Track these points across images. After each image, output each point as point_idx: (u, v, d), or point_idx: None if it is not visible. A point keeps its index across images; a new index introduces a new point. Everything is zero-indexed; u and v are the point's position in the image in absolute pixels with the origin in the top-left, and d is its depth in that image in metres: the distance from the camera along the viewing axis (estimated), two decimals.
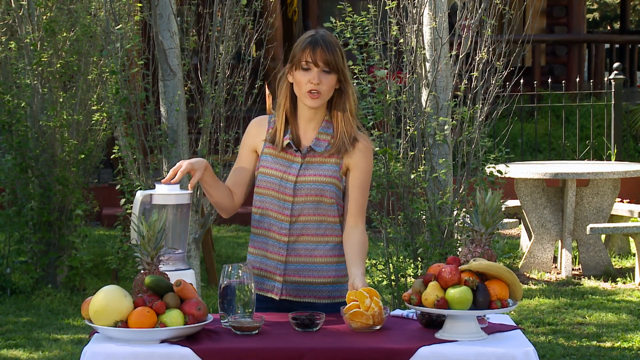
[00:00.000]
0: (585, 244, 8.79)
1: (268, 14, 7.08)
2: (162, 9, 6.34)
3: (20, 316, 7.42)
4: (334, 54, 3.60)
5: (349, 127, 3.66)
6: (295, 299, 3.67)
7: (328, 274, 3.67)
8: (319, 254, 3.65)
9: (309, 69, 3.60)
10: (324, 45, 3.59)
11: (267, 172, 3.67)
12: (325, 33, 3.66)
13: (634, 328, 7.01)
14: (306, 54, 3.59)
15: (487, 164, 6.19)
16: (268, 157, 3.69)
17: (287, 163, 3.67)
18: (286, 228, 3.64)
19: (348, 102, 3.67)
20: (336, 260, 3.67)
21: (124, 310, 3.19)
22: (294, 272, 3.66)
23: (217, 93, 6.56)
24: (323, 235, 3.66)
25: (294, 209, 3.63)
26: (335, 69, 3.60)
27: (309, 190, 3.62)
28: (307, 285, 3.66)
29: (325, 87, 3.61)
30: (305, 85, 3.60)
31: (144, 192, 3.52)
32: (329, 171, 3.64)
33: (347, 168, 3.67)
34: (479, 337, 3.22)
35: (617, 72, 11.62)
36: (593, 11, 28.10)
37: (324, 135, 3.67)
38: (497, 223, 3.35)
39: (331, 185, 3.63)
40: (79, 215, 8.13)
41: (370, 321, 3.32)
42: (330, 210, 3.65)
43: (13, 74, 8.13)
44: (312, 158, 3.66)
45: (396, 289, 6.13)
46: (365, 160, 3.67)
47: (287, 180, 3.64)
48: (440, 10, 6.21)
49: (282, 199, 3.64)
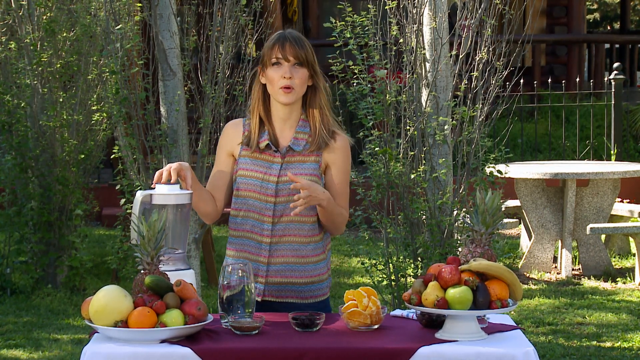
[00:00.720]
0: (585, 244, 8.79)
1: (268, 14, 7.09)
2: (162, 9, 6.34)
3: (20, 316, 7.42)
4: (303, 48, 3.64)
5: (325, 120, 3.69)
6: (277, 300, 3.69)
7: (310, 273, 3.70)
8: (301, 254, 3.68)
9: (279, 64, 3.63)
10: (293, 40, 3.63)
11: (247, 175, 3.68)
12: (293, 31, 3.70)
13: (634, 328, 7.01)
14: (276, 50, 3.63)
15: (487, 164, 6.19)
16: (247, 160, 3.70)
17: (267, 164, 3.68)
18: (268, 229, 3.66)
19: (322, 97, 3.70)
20: (317, 259, 3.71)
21: (124, 310, 3.19)
22: (277, 273, 3.68)
23: (217, 93, 6.56)
24: (305, 236, 3.68)
25: (276, 210, 3.65)
26: (305, 62, 3.64)
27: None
28: (290, 286, 3.69)
29: (297, 82, 3.63)
30: (278, 81, 3.63)
31: (144, 192, 3.52)
32: (309, 169, 3.67)
33: (325, 165, 3.70)
34: (479, 337, 3.22)
35: (617, 72, 11.62)
36: (593, 11, 28.10)
37: (302, 134, 3.70)
38: (497, 223, 3.35)
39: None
40: (79, 215, 8.13)
41: (368, 320, 3.32)
42: (311, 209, 3.66)
43: (13, 74, 8.13)
44: (292, 157, 3.68)
45: (396, 289, 6.12)
46: (343, 158, 3.71)
47: (269, 181, 3.66)
48: (440, 10, 6.21)
49: (264, 200, 3.66)
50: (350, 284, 8.44)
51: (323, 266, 3.72)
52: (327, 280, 3.75)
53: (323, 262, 3.72)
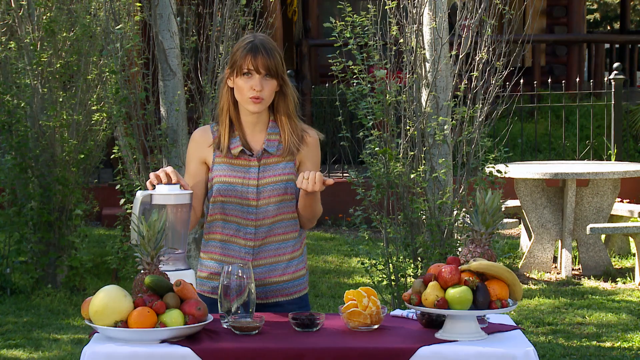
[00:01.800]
0: (585, 244, 8.79)
1: (268, 14, 7.08)
2: (162, 9, 6.35)
3: (20, 316, 7.42)
4: (274, 59, 3.63)
5: (294, 128, 3.71)
6: (263, 302, 3.69)
7: (291, 270, 3.73)
8: (282, 252, 3.72)
9: (250, 75, 3.62)
10: (264, 51, 3.62)
11: (225, 181, 3.68)
12: (264, 38, 3.68)
13: (634, 328, 7.01)
14: (247, 61, 3.61)
15: (487, 163, 6.19)
16: (223, 166, 3.70)
17: (244, 169, 3.69)
18: (252, 232, 3.68)
19: (290, 104, 3.72)
20: (297, 254, 3.76)
21: (124, 310, 3.19)
22: (261, 275, 3.69)
23: (217, 93, 6.56)
24: (285, 233, 3.72)
25: (259, 213, 3.67)
26: (275, 74, 3.64)
27: (271, 192, 3.67)
28: (274, 285, 3.71)
29: (267, 92, 3.65)
30: (247, 91, 3.63)
31: (144, 192, 3.53)
32: (286, 169, 3.70)
33: (300, 162, 3.74)
34: (479, 337, 3.22)
35: (617, 72, 11.61)
36: (593, 11, 28.10)
37: (274, 135, 3.72)
38: (497, 223, 3.35)
39: (291, 182, 3.69)
40: (79, 215, 8.13)
41: (368, 320, 3.32)
42: (291, 206, 3.71)
43: (13, 74, 8.13)
44: (268, 159, 3.70)
45: (396, 289, 6.12)
46: (314, 153, 3.76)
47: (249, 185, 3.67)
48: (440, 10, 6.21)
49: (245, 204, 3.67)
50: (350, 284, 8.43)
51: (302, 260, 3.78)
52: (306, 275, 3.81)
53: (301, 257, 3.78)
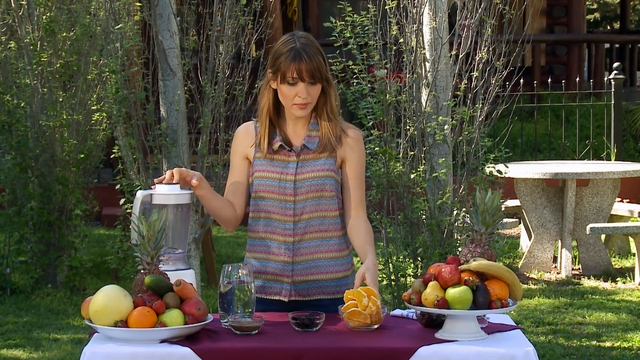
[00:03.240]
0: (585, 244, 8.79)
1: (268, 14, 7.08)
2: (162, 8, 6.34)
3: (20, 316, 7.42)
4: (318, 63, 3.60)
5: (333, 127, 3.68)
6: (304, 299, 3.68)
7: (334, 269, 3.69)
8: (323, 250, 3.68)
9: (295, 84, 3.60)
10: (307, 57, 3.58)
11: (264, 176, 3.68)
12: (306, 40, 3.64)
13: (634, 328, 7.01)
14: (292, 70, 3.58)
15: (487, 163, 6.19)
16: (262, 161, 3.69)
17: (282, 164, 3.68)
18: (290, 228, 3.65)
19: (330, 103, 3.69)
20: (340, 254, 3.71)
21: (124, 310, 3.19)
22: (302, 272, 3.67)
23: (217, 93, 6.56)
24: (326, 231, 3.68)
25: (296, 208, 3.65)
26: (320, 78, 3.62)
27: (309, 187, 3.64)
28: (315, 283, 3.68)
29: (312, 97, 3.63)
30: (293, 98, 3.62)
31: (144, 191, 3.52)
32: (325, 165, 3.67)
33: (341, 161, 3.70)
34: (479, 337, 3.22)
35: (617, 72, 11.62)
36: (593, 11, 28.11)
37: (315, 132, 3.70)
38: (497, 223, 3.35)
39: (330, 179, 3.66)
40: (79, 215, 8.13)
41: (368, 320, 3.32)
42: (331, 204, 3.67)
43: (13, 74, 8.13)
44: (307, 155, 3.68)
45: (396, 289, 6.13)
46: (357, 151, 3.71)
47: (286, 180, 3.65)
48: (440, 10, 6.21)
49: (283, 200, 3.65)
50: None
51: (347, 261, 3.73)
52: (352, 276, 3.74)
53: (347, 257, 3.73)
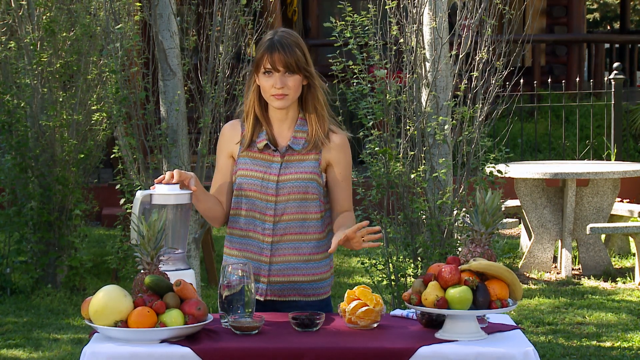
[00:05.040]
0: (585, 244, 8.79)
1: (268, 14, 7.08)
2: (162, 8, 6.34)
3: (20, 316, 7.42)
4: (293, 54, 3.60)
5: (322, 122, 3.69)
6: (280, 299, 3.69)
7: (311, 271, 3.70)
8: (302, 252, 3.68)
9: (270, 73, 3.61)
10: (281, 48, 3.59)
11: (247, 174, 3.68)
12: (284, 33, 3.65)
13: (634, 328, 7.01)
14: (265, 60, 3.60)
15: (487, 163, 6.19)
16: (246, 160, 3.70)
17: (266, 164, 3.68)
18: (270, 228, 3.66)
19: (318, 96, 3.69)
20: (319, 257, 3.71)
21: (124, 310, 3.19)
22: (279, 272, 3.67)
23: (217, 93, 6.56)
24: (306, 233, 3.68)
25: (277, 209, 3.65)
26: (296, 69, 3.61)
27: (291, 189, 3.65)
28: (292, 284, 3.69)
29: (291, 88, 3.63)
30: (269, 89, 3.63)
31: (144, 191, 3.52)
32: (309, 168, 3.67)
33: (326, 164, 3.70)
34: (479, 337, 3.22)
35: (617, 72, 11.62)
36: (593, 11, 28.10)
37: (301, 133, 3.70)
38: (497, 223, 3.35)
39: (313, 181, 3.66)
40: (79, 215, 8.13)
41: (379, 317, 3.34)
42: (313, 206, 3.67)
43: (13, 74, 8.13)
44: (291, 156, 3.68)
45: (396, 289, 6.12)
46: (343, 155, 3.72)
47: (269, 180, 3.66)
48: (440, 10, 6.21)
49: (264, 199, 3.66)
50: (350, 283, 8.44)
51: (325, 264, 3.73)
52: (330, 278, 3.75)
53: (325, 260, 3.73)
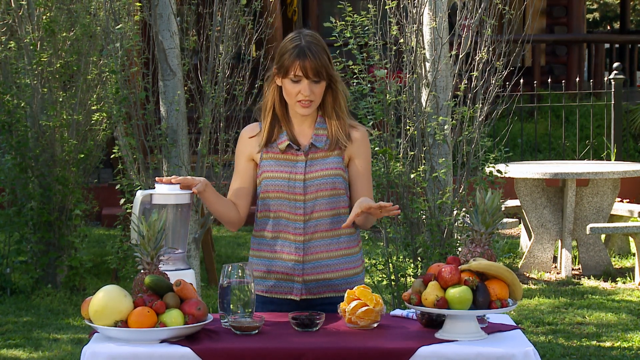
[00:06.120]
0: (585, 244, 8.79)
1: (268, 14, 7.08)
2: (162, 8, 6.34)
3: (20, 316, 7.42)
4: (322, 61, 3.60)
5: (342, 126, 3.69)
6: (315, 297, 3.68)
7: (344, 266, 3.70)
8: (334, 249, 3.68)
9: (298, 81, 3.61)
10: (312, 54, 3.59)
11: (272, 176, 3.68)
12: (311, 38, 3.64)
13: (634, 328, 7.01)
14: (295, 67, 3.59)
15: (487, 163, 6.19)
16: (270, 162, 3.70)
17: (291, 164, 3.68)
18: (300, 227, 3.66)
19: (339, 100, 3.69)
20: (350, 252, 3.71)
21: (124, 310, 3.19)
22: (313, 270, 3.67)
23: (217, 93, 6.56)
24: (336, 229, 3.68)
25: (307, 207, 3.65)
26: (324, 76, 3.62)
27: (318, 186, 3.65)
28: (326, 281, 3.68)
29: (316, 95, 3.64)
30: (295, 95, 3.63)
31: (144, 191, 3.52)
32: (333, 163, 3.68)
33: (348, 158, 3.71)
34: (479, 337, 3.22)
35: (617, 72, 11.61)
36: (593, 11, 28.10)
37: (322, 130, 3.70)
38: (497, 223, 3.35)
39: (339, 177, 3.67)
40: (79, 215, 8.13)
41: (379, 317, 3.34)
42: (341, 201, 3.68)
43: (13, 74, 8.13)
44: (315, 154, 3.69)
45: (396, 289, 6.12)
46: (364, 148, 3.73)
47: (295, 179, 3.66)
48: (440, 10, 6.21)
49: (292, 199, 3.66)
50: None
51: (357, 259, 3.73)
52: (362, 273, 3.76)
53: (357, 254, 3.74)
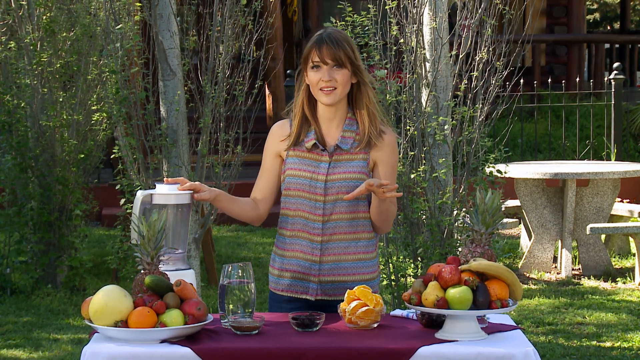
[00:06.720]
0: (585, 244, 8.79)
1: (268, 14, 7.08)
2: (162, 9, 6.34)
3: (20, 316, 7.42)
4: (341, 48, 3.63)
5: (373, 120, 3.70)
6: (330, 298, 3.69)
7: (361, 271, 3.70)
8: (351, 252, 3.69)
9: (319, 67, 3.63)
10: (330, 41, 3.63)
11: (295, 174, 3.69)
12: (333, 30, 3.69)
13: (634, 328, 7.01)
14: (313, 54, 3.64)
15: (487, 163, 6.19)
16: (295, 159, 3.71)
17: (314, 163, 3.69)
18: (319, 228, 3.66)
19: (368, 93, 3.70)
20: (368, 256, 3.72)
21: (124, 310, 3.19)
22: (329, 272, 3.68)
23: (217, 93, 6.56)
24: (355, 232, 3.69)
25: (326, 208, 3.66)
26: (344, 63, 3.63)
27: (339, 188, 3.65)
28: (341, 284, 3.68)
29: (338, 82, 3.64)
30: (317, 83, 3.65)
31: (144, 192, 3.53)
32: (357, 167, 3.68)
33: (374, 163, 3.71)
34: (479, 337, 3.23)
35: (617, 72, 11.62)
36: (593, 11, 28.10)
37: (349, 133, 3.70)
38: (497, 223, 3.35)
39: (361, 181, 3.65)
40: (79, 215, 8.13)
41: (379, 318, 3.34)
42: (362, 205, 3.68)
43: (13, 74, 8.13)
44: (340, 156, 3.69)
45: (396, 289, 6.13)
46: (392, 154, 3.72)
47: (317, 180, 3.67)
48: (440, 10, 6.21)
49: (313, 199, 3.66)
50: None
51: (373, 264, 3.74)
52: (377, 278, 3.76)
53: (374, 260, 3.74)
